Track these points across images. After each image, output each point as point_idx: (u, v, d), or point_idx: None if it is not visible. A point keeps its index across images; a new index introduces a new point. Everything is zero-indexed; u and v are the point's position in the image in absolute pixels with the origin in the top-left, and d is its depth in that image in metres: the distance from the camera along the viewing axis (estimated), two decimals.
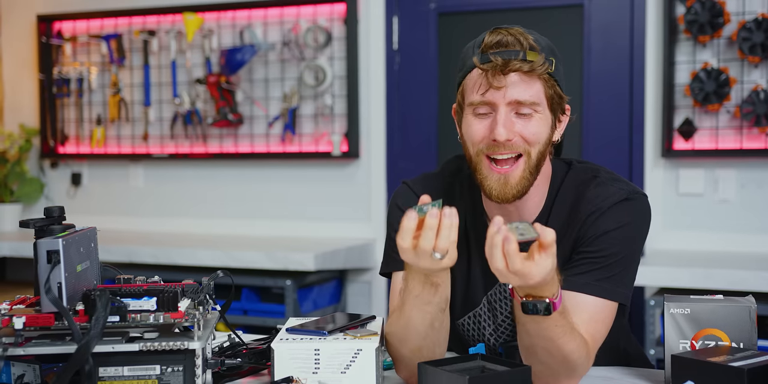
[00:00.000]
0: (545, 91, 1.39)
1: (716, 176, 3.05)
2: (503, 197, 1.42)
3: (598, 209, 1.44)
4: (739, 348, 1.30)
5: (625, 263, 1.43)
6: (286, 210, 3.68)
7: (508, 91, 1.37)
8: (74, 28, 3.96)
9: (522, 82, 1.37)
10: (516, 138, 1.39)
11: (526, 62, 1.36)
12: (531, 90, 1.38)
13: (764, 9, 2.92)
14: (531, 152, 1.40)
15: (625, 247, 1.43)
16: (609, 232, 1.42)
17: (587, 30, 3.21)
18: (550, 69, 1.39)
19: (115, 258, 3.30)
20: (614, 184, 1.47)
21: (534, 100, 1.38)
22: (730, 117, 2.99)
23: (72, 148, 4.02)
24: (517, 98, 1.38)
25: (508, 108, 1.39)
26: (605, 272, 1.41)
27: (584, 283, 1.39)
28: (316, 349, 1.30)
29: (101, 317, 1.17)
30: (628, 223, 1.44)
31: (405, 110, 3.49)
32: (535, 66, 1.36)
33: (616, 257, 1.42)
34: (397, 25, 3.48)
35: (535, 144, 1.40)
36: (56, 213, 1.35)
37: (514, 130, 1.39)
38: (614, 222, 1.43)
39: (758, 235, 3.00)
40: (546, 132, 1.42)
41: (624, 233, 1.43)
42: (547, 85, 1.39)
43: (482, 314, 1.55)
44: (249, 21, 3.64)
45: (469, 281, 1.55)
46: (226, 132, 3.72)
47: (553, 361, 1.31)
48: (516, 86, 1.37)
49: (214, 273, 1.40)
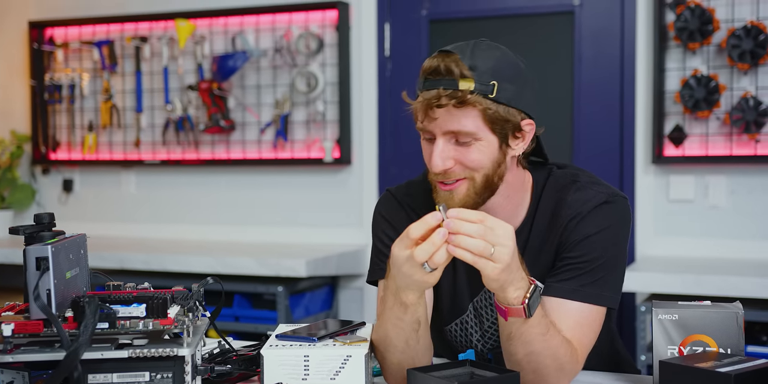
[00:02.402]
0: (483, 118, 1.35)
1: (706, 182, 3.07)
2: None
3: (578, 214, 1.44)
4: (726, 354, 1.31)
5: (608, 267, 1.43)
6: (278, 216, 3.68)
7: (441, 123, 1.35)
8: (66, 34, 3.96)
9: (455, 113, 1.34)
10: (455, 166, 1.38)
11: (454, 96, 1.32)
12: (464, 120, 1.34)
13: (753, 16, 2.94)
14: (474, 176, 1.39)
15: (607, 250, 1.43)
16: (590, 236, 1.42)
17: (578, 37, 3.22)
18: (490, 94, 1.33)
19: (107, 264, 3.29)
20: (593, 188, 1.47)
21: (468, 129, 1.35)
22: (720, 123, 3.01)
23: (64, 155, 4.01)
24: (451, 129, 1.35)
25: (444, 138, 1.37)
26: (589, 277, 1.41)
27: (569, 289, 1.40)
28: (306, 356, 1.30)
29: (90, 324, 1.17)
30: (609, 226, 1.44)
31: (397, 117, 3.50)
32: (464, 97, 1.32)
33: (599, 261, 1.42)
34: (389, 31, 3.50)
35: (478, 169, 1.38)
36: (46, 220, 1.35)
37: (451, 159, 1.37)
38: (595, 226, 1.43)
39: (749, 241, 3.01)
40: (489, 157, 1.38)
41: (605, 236, 1.43)
42: (484, 113, 1.34)
43: (469, 321, 1.56)
44: (241, 27, 3.65)
45: (455, 288, 1.55)
46: (218, 138, 3.72)
47: (543, 363, 1.31)
48: (449, 117, 1.35)
49: (203, 279, 1.40)
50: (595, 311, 1.41)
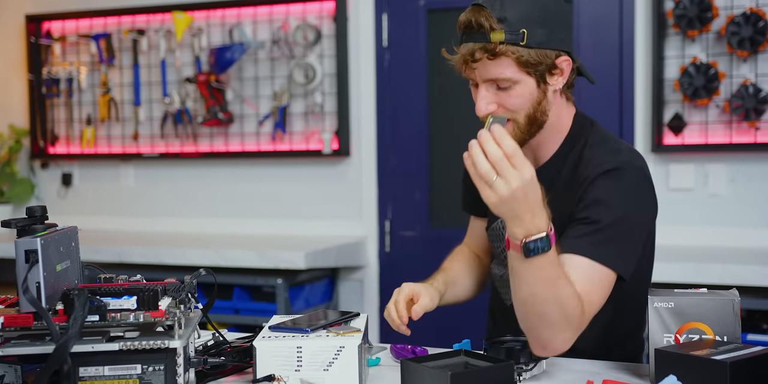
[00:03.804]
0: (517, 64, 1.45)
1: (706, 171, 3.05)
2: None
3: (589, 176, 1.50)
4: (722, 341, 1.30)
5: (618, 234, 1.46)
6: (276, 208, 3.67)
7: (480, 73, 1.48)
8: (63, 27, 3.95)
9: (490, 64, 1.45)
10: (498, 109, 1.49)
11: (487, 50, 1.44)
12: (500, 68, 1.46)
13: (752, 3, 2.92)
14: (517, 118, 1.50)
15: (615, 216, 1.46)
16: (600, 199, 1.48)
17: (577, 25, 3.20)
18: (521, 42, 1.43)
19: (106, 258, 3.29)
20: (613, 153, 1.55)
21: (505, 76, 1.46)
22: (720, 111, 2.99)
23: (62, 149, 4.01)
24: (490, 77, 1.47)
25: (485, 85, 1.49)
26: (599, 237, 1.44)
27: (579, 245, 1.43)
28: (299, 347, 1.29)
29: (79, 317, 1.16)
30: (617, 194, 1.49)
31: (395, 107, 3.49)
32: (495, 49, 1.43)
33: (607, 225, 1.45)
34: (387, 22, 3.48)
35: (519, 110, 1.49)
36: (38, 213, 1.35)
37: (493, 103, 1.49)
38: (604, 191, 1.48)
39: (748, 229, 3.00)
40: (528, 98, 1.49)
41: (614, 202, 1.48)
42: (518, 60, 1.45)
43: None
44: (238, 19, 3.63)
45: None
46: (217, 131, 3.71)
47: (549, 309, 1.32)
48: (486, 68, 1.47)
49: (196, 271, 1.39)
50: (605, 273, 1.43)
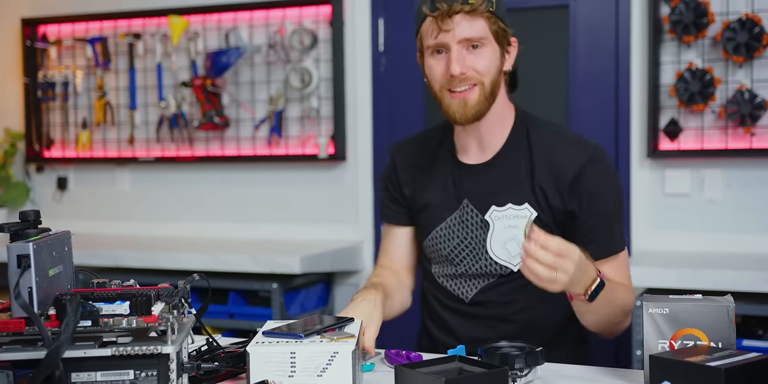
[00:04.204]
0: (489, 27, 1.64)
1: (702, 176, 3.05)
2: (464, 118, 1.67)
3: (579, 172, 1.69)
4: (717, 347, 1.30)
5: (619, 216, 1.73)
6: (272, 213, 3.66)
7: (456, 32, 1.62)
8: (59, 31, 3.95)
9: (467, 22, 1.62)
10: (469, 71, 1.64)
11: (467, 4, 1.61)
12: (476, 27, 1.63)
13: (748, 9, 2.92)
14: (484, 81, 1.66)
15: (611, 201, 1.72)
16: (596, 192, 1.70)
17: (572, 31, 3.21)
18: (491, 8, 1.63)
19: (101, 262, 3.28)
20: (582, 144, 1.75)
21: (480, 35, 1.63)
22: (715, 117, 2.99)
23: (58, 152, 4.00)
24: (465, 36, 1.63)
25: (458, 46, 1.63)
26: (608, 230, 1.70)
27: (601, 250, 1.68)
28: (292, 353, 1.29)
29: (71, 322, 1.16)
30: (608, 179, 1.73)
31: (391, 112, 3.49)
32: (475, 6, 1.61)
33: (611, 213, 1.71)
34: (383, 26, 3.48)
35: (486, 74, 1.66)
36: (32, 217, 1.34)
37: (466, 65, 1.64)
38: (596, 181, 1.70)
39: (744, 234, 3.00)
40: (494, 64, 1.67)
41: (607, 189, 1.72)
42: (490, 22, 1.64)
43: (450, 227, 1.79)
44: (234, 23, 3.63)
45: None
46: (213, 135, 3.70)
47: (615, 317, 1.63)
48: (462, 26, 1.62)
49: (190, 276, 1.39)
50: (623, 255, 1.73)
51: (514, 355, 1.37)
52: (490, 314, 1.78)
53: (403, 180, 1.90)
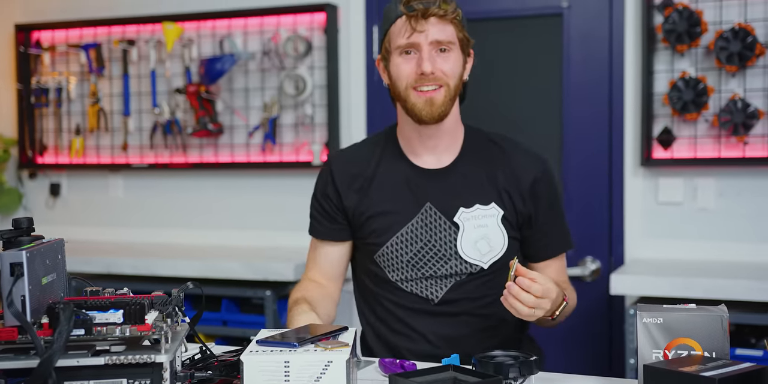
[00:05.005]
0: (457, 33, 1.75)
1: (695, 185, 3.06)
2: (430, 116, 1.75)
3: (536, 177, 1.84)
4: (711, 357, 1.30)
5: (563, 216, 1.93)
6: (266, 220, 3.66)
7: (429, 33, 1.72)
8: (53, 37, 3.94)
9: (439, 25, 1.73)
10: (437, 72, 1.73)
11: (441, 9, 1.72)
12: (447, 31, 1.74)
13: (741, 18, 2.94)
14: (449, 84, 1.75)
15: (558, 200, 1.91)
16: (547, 193, 1.86)
17: (566, 40, 3.22)
18: (458, 17, 1.75)
19: (94, 269, 3.27)
20: (528, 149, 1.91)
21: (450, 39, 1.74)
22: (708, 126, 3.00)
23: (51, 159, 3.99)
24: (437, 38, 1.73)
25: (430, 47, 1.73)
26: (556, 229, 1.89)
27: (548, 252, 1.89)
28: (286, 361, 1.28)
29: (64, 330, 1.15)
30: (555, 181, 1.91)
31: (385, 120, 3.49)
32: (448, 12, 1.72)
33: (560, 216, 1.90)
34: (378, 34, 3.48)
35: (452, 77, 1.75)
36: (24, 224, 1.33)
37: (436, 66, 1.73)
38: (547, 184, 1.87)
39: (737, 243, 3.01)
40: (459, 69, 1.78)
41: (555, 190, 1.90)
42: (457, 29, 1.75)
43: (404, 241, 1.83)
44: (229, 30, 3.63)
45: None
46: (206, 142, 3.70)
47: (565, 317, 1.75)
48: (435, 28, 1.73)
49: (183, 284, 1.39)
50: (563, 255, 1.94)
51: (509, 365, 1.37)
52: (461, 311, 1.82)
53: (343, 191, 1.89)
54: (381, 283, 1.88)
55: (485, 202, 1.81)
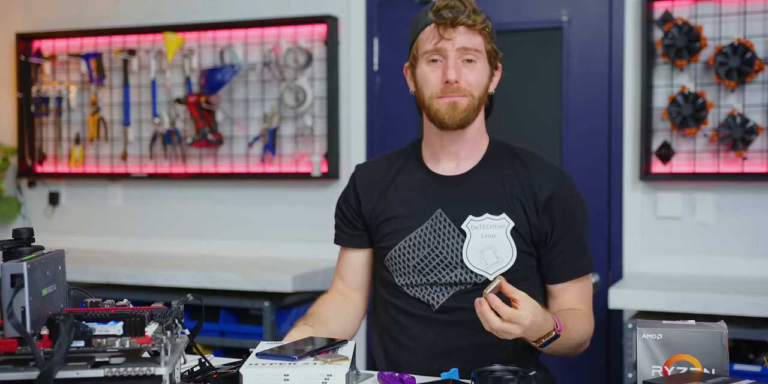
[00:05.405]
0: (485, 45, 1.75)
1: (694, 199, 3.07)
2: (452, 121, 1.74)
3: (555, 194, 1.79)
4: (710, 374, 1.30)
5: (586, 239, 1.87)
6: (265, 231, 3.66)
7: (456, 41, 1.72)
8: (54, 46, 3.95)
9: (467, 34, 1.72)
10: (462, 82, 1.72)
11: (470, 19, 1.71)
12: (474, 40, 1.73)
13: (740, 34, 2.95)
14: (474, 94, 1.74)
15: (582, 226, 1.86)
16: (569, 213, 1.81)
17: (566, 53, 3.23)
18: (487, 29, 1.74)
19: (93, 279, 3.27)
20: (555, 168, 1.87)
21: (477, 47, 1.73)
22: (707, 141, 3.01)
23: (50, 168, 3.99)
24: (464, 45, 1.72)
25: (456, 54, 1.72)
26: (576, 251, 1.81)
27: (565, 273, 1.80)
28: (286, 375, 1.28)
29: (64, 342, 1.15)
30: (581, 201, 1.89)
31: (385, 131, 3.50)
32: (477, 22, 1.72)
33: (582, 238, 1.84)
34: (378, 46, 3.49)
35: (476, 88, 1.74)
36: (25, 235, 1.33)
37: (461, 75, 1.72)
38: (572, 204, 1.82)
39: (735, 258, 3.01)
40: (484, 80, 1.76)
41: (580, 211, 1.86)
42: (486, 40, 1.75)
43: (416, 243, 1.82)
44: (229, 41, 3.65)
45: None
46: (206, 152, 3.70)
47: (570, 350, 1.73)
48: (462, 36, 1.72)
49: (183, 296, 1.38)
50: (587, 279, 1.84)
51: (507, 379, 1.37)
52: (460, 320, 1.77)
53: (363, 197, 1.90)
54: (389, 288, 1.87)
55: (496, 212, 1.78)
